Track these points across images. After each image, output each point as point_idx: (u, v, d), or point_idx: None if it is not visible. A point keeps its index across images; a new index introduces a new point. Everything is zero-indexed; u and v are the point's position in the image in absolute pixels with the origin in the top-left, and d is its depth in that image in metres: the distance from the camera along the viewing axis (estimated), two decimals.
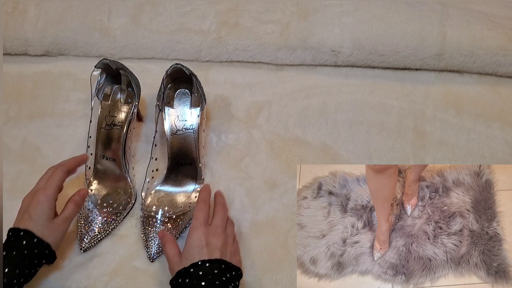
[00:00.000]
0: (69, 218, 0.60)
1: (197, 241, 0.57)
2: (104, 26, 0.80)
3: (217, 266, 0.54)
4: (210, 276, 0.53)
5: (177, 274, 0.55)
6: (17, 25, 0.80)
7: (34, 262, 0.55)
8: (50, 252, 0.57)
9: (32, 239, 0.56)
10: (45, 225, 0.57)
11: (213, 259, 0.55)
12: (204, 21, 0.80)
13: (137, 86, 0.70)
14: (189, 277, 0.53)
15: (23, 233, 0.56)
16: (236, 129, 0.75)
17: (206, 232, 0.58)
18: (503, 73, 0.79)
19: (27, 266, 0.55)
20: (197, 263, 0.54)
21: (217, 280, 0.53)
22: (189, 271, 0.54)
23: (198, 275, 0.53)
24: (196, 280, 0.53)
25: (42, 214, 0.57)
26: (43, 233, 0.57)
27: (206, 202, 0.62)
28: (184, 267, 0.55)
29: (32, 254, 0.55)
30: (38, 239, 0.56)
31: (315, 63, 0.81)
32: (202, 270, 0.54)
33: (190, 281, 0.53)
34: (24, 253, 0.55)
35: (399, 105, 0.78)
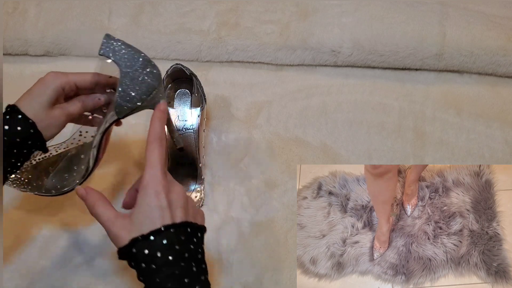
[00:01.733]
0: (71, 114, 0.55)
1: (157, 200, 0.45)
2: (104, 26, 0.80)
3: (182, 230, 0.45)
4: (177, 246, 0.44)
5: (132, 242, 0.44)
6: (18, 25, 0.80)
7: (16, 140, 0.49)
8: (37, 134, 0.51)
9: (16, 114, 0.50)
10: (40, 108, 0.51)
11: (178, 222, 0.45)
12: (204, 21, 0.80)
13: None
14: (149, 248, 0.43)
15: (10, 108, 0.51)
16: (236, 129, 0.75)
17: (166, 186, 0.46)
18: (503, 73, 0.79)
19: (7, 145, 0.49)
20: (160, 229, 0.44)
21: (185, 251, 0.44)
22: (149, 239, 0.43)
23: (162, 244, 0.43)
24: (160, 252, 0.43)
25: (42, 95, 0.52)
26: (35, 114, 0.51)
27: (161, 139, 0.49)
28: (142, 234, 0.43)
29: (13, 131, 0.49)
30: (23, 116, 0.50)
31: (315, 63, 0.81)
32: (166, 238, 0.43)
33: (151, 252, 0.43)
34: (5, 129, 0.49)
35: (399, 105, 0.78)
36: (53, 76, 0.53)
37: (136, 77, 0.53)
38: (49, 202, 0.67)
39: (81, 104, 0.56)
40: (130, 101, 0.53)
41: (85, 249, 0.65)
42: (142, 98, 0.53)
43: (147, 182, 0.46)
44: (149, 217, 0.44)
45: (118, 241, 0.45)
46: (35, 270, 0.63)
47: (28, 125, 0.50)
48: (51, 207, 0.67)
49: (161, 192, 0.45)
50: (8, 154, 0.50)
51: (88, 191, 0.49)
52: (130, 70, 0.53)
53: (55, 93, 0.53)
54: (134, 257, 0.44)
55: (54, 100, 0.53)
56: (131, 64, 0.53)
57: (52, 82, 0.53)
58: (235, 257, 0.64)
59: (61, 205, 0.67)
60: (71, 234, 0.65)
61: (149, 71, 0.53)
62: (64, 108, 0.54)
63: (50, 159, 0.61)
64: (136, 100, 0.53)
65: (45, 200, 0.67)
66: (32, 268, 0.63)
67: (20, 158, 0.51)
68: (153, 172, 0.46)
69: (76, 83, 0.55)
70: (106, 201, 0.48)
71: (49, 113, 0.52)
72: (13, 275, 0.63)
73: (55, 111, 0.53)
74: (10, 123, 0.50)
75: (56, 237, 0.65)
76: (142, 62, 0.53)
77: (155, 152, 0.47)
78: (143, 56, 0.54)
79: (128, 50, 0.53)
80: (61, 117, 0.54)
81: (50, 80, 0.53)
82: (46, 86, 0.52)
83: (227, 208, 0.68)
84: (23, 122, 0.50)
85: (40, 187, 0.59)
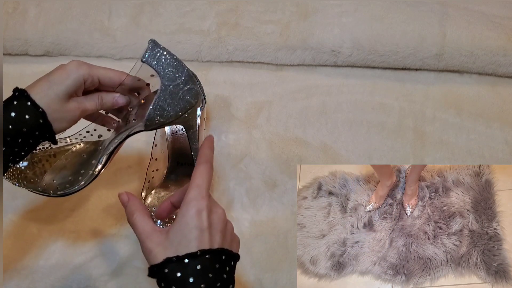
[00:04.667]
0: (86, 110, 0.50)
1: (197, 220, 0.42)
2: (104, 27, 0.80)
3: (218, 258, 0.42)
4: (211, 275, 0.41)
5: (165, 262, 0.42)
6: (18, 25, 0.80)
7: (22, 130, 0.45)
8: (46, 125, 0.46)
9: (26, 101, 0.45)
10: (56, 98, 0.47)
11: (215, 249, 0.42)
12: (204, 21, 0.80)
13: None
14: (182, 271, 0.41)
15: (18, 92, 0.45)
16: (236, 129, 0.75)
17: (209, 206, 0.44)
18: (503, 73, 0.79)
19: (13, 134, 0.45)
20: (196, 253, 0.41)
21: (218, 281, 0.41)
22: (183, 262, 0.41)
23: (196, 269, 0.41)
24: (192, 278, 0.40)
25: (61, 84, 0.47)
26: (49, 104, 0.46)
27: (210, 163, 0.47)
28: (177, 256, 0.41)
29: (21, 119, 0.45)
30: (33, 103, 0.45)
31: (315, 63, 0.81)
32: (201, 264, 0.41)
33: (183, 276, 0.41)
34: (11, 116, 0.44)
35: (399, 105, 0.78)
36: (76, 65, 0.49)
37: (176, 92, 0.49)
38: (48, 201, 0.67)
39: (100, 102, 0.52)
40: (163, 116, 0.49)
41: (85, 249, 0.65)
42: (178, 115, 0.49)
43: (190, 199, 0.43)
44: (187, 237, 0.42)
45: (151, 257, 0.43)
46: (35, 270, 0.63)
47: (37, 114, 0.46)
48: (51, 207, 0.67)
49: (203, 211, 0.43)
50: (11, 144, 0.45)
51: (130, 198, 0.46)
52: (171, 84, 0.49)
53: (75, 84, 0.48)
54: (165, 277, 0.41)
55: (73, 91, 0.48)
56: (174, 77, 0.49)
57: (75, 71, 0.48)
58: None
59: (60, 205, 0.67)
60: (71, 234, 0.65)
61: (189, 88, 0.50)
62: (80, 103, 0.50)
63: (48, 152, 0.56)
64: (170, 116, 0.49)
65: (44, 200, 0.67)
66: (32, 268, 0.63)
67: (25, 148, 0.46)
68: (198, 190, 0.44)
69: (99, 78, 0.51)
70: (145, 212, 0.46)
71: (64, 105, 0.48)
72: (13, 275, 0.63)
73: (71, 104, 0.49)
74: (18, 109, 0.45)
75: (56, 237, 0.65)
76: (185, 77, 0.49)
77: (203, 173, 0.45)
78: (186, 71, 0.50)
79: (173, 62, 0.49)
80: (76, 111, 0.49)
81: (73, 69, 0.48)
82: (68, 74, 0.48)
83: (227, 208, 0.68)
84: (32, 110, 0.45)
85: (36, 184, 0.54)
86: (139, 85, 0.53)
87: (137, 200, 0.47)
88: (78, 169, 0.56)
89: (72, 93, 0.48)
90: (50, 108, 0.46)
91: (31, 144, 0.47)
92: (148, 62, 0.49)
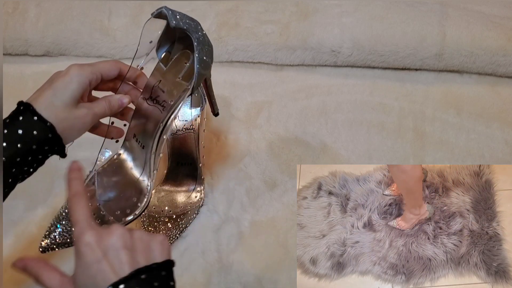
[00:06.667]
0: (97, 114, 0.47)
1: (89, 254, 0.38)
2: (104, 26, 0.80)
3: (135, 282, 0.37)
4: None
5: None
6: (18, 25, 0.80)
7: (31, 147, 0.42)
8: (55, 138, 0.44)
9: (32, 116, 0.42)
10: (63, 106, 0.44)
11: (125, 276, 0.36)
12: (204, 21, 0.80)
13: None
14: None
15: (23, 107, 0.43)
16: (236, 129, 0.75)
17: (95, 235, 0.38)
18: (503, 73, 0.79)
19: (22, 153, 0.42)
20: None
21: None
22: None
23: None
24: None
25: (65, 90, 0.44)
26: (56, 114, 0.43)
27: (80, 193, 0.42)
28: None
29: (29, 136, 0.42)
30: (39, 118, 0.42)
31: (315, 63, 0.81)
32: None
33: None
34: (18, 134, 0.42)
35: (399, 105, 0.78)
36: (77, 68, 0.46)
37: (203, 41, 0.47)
38: (48, 201, 0.67)
39: (108, 104, 0.49)
40: (206, 68, 0.47)
41: None
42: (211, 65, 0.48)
43: (76, 238, 0.39)
44: (91, 277, 0.37)
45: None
46: None
47: (46, 128, 0.43)
48: (51, 206, 0.67)
49: (91, 244, 0.38)
50: (21, 163, 0.43)
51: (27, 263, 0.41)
52: (198, 35, 0.47)
53: (81, 87, 0.45)
54: None
55: (79, 95, 0.46)
56: (196, 28, 0.47)
57: (77, 74, 0.45)
58: (235, 257, 0.64)
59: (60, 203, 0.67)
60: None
61: (205, 33, 0.48)
62: (89, 108, 0.47)
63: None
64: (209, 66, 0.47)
65: (44, 200, 0.67)
66: None
67: (33, 164, 0.44)
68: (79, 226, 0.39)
69: (102, 73, 0.48)
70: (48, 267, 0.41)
71: (72, 111, 0.45)
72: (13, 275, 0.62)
73: (80, 110, 0.46)
74: (24, 126, 0.42)
75: None
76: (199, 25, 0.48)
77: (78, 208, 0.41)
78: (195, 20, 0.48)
79: (185, 16, 0.48)
80: (85, 117, 0.46)
81: (75, 71, 0.46)
82: (71, 78, 0.45)
83: (227, 208, 0.68)
84: (39, 125, 0.43)
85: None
86: (135, 74, 0.52)
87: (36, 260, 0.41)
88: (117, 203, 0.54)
89: (78, 97, 0.46)
90: (58, 118, 0.44)
91: (40, 160, 0.45)
92: (178, 25, 0.47)
